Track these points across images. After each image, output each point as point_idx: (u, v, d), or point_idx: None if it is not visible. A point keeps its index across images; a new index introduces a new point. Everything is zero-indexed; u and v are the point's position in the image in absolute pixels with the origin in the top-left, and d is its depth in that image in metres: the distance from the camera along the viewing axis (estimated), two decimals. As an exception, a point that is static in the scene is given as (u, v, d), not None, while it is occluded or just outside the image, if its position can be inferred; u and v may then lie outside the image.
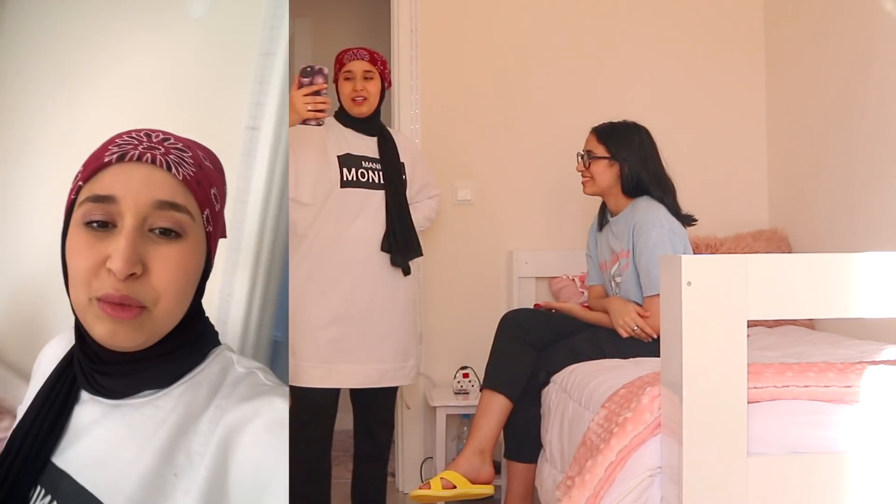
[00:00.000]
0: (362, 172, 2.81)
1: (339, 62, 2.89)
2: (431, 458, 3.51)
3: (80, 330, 1.27)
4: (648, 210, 2.69)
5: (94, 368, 1.28)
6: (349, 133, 2.87)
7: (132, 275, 1.18)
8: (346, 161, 2.81)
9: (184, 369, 1.28)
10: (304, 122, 2.55)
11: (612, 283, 2.80)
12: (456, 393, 3.42)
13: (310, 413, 2.72)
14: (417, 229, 2.97)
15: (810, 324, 3.32)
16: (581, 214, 3.55)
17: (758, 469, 1.52)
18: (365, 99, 2.83)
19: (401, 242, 2.82)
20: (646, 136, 2.81)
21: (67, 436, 1.29)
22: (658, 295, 2.53)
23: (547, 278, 3.59)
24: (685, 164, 3.02)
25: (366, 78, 2.84)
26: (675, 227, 2.67)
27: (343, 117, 2.89)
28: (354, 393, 2.89)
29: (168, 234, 1.22)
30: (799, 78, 3.50)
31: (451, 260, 3.62)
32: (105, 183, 1.21)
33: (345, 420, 3.16)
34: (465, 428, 3.34)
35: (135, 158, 1.21)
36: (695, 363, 1.50)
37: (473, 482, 2.59)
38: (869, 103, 3.01)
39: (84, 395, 1.32)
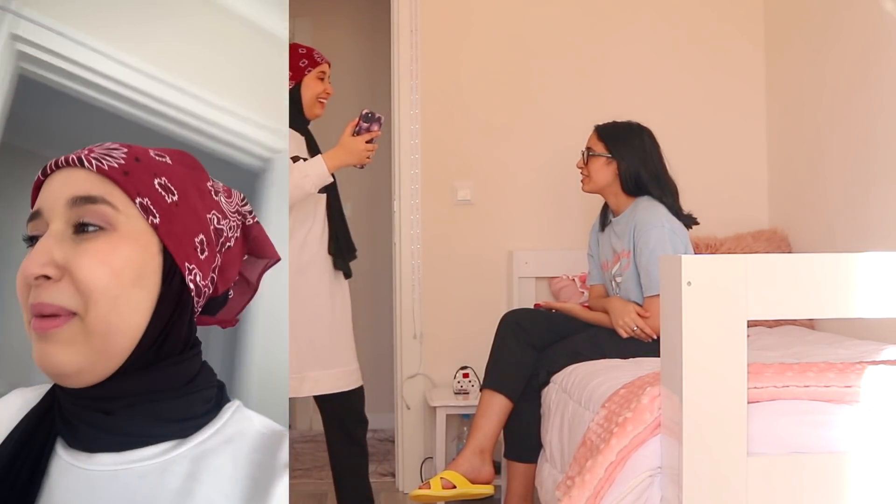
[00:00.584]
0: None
1: (311, 60, 2.81)
2: (431, 458, 3.51)
3: None
4: (649, 210, 2.69)
5: (75, 407, 1.12)
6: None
7: (48, 279, 1.09)
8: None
9: (181, 415, 1.15)
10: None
11: (613, 282, 2.80)
12: (456, 393, 3.42)
13: None
14: None
15: (810, 324, 3.32)
16: (581, 214, 3.55)
17: (758, 469, 1.52)
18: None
19: (343, 245, 2.81)
20: (648, 137, 2.81)
21: None
22: (658, 295, 2.53)
23: (547, 278, 3.59)
24: (685, 164, 3.02)
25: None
26: (675, 228, 2.67)
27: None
28: (326, 399, 2.82)
29: (86, 228, 1.11)
30: (799, 78, 3.50)
31: (451, 260, 3.62)
32: (36, 202, 1.17)
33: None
34: (465, 428, 3.34)
35: (54, 167, 1.16)
36: (695, 363, 1.50)
37: (473, 482, 2.59)
38: (869, 103, 3.01)
39: (58, 467, 1.13)
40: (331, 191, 2.78)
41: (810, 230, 3.41)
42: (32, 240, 1.14)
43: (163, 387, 1.15)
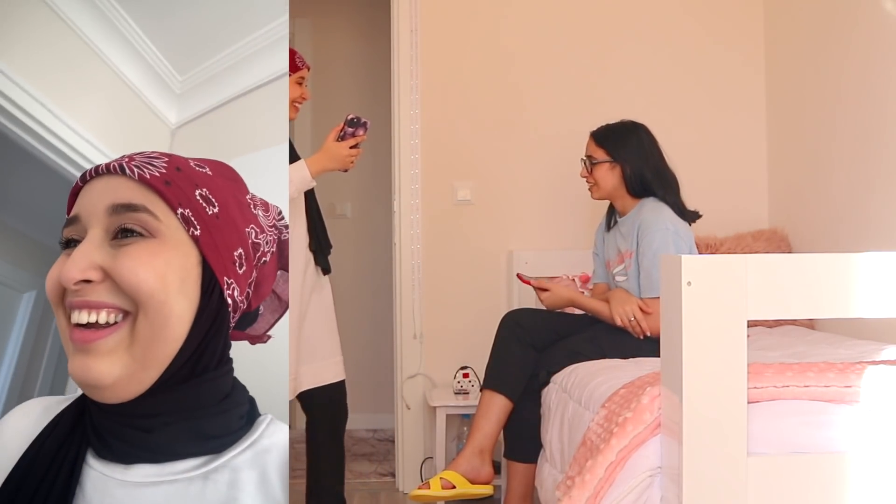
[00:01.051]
0: None
1: (291, 64, 2.78)
2: (431, 458, 3.51)
3: None
4: (655, 212, 2.68)
5: (110, 423, 1.11)
6: None
7: (87, 282, 1.08)
8: None
9: (219, 432, 1.14)
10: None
11: (613, 281, 2.80)
12: (456, 393, 3.42)
13: None
14: None
15: (810, 324, 3.32)
16: (581, 214, 3.55)
17: (758, 469, 1.52)
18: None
19: (322, 241, 2.82)
20: (644, 134, 2.80)
21: None
22: (658, 297, 2.53)
23: (547, 278, 3.58)
24: (685, 164, 3.01)
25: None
26: (680, 230, 2.66)
27: None
28: (310, 396, 2.81)
29: (129, 234, 1.11)
30: (799, 78, 3.50)
31: (451, 260, 3.62)
32: (73, 207, 1.17)
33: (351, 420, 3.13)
34: (465, 428, 3.34)
35: (94, 174, 1.16)
36: (695, 363, 1.50)
37: (473, 482, 2.59)
38: (869, 103, 3.01)
39: (91, 478, 1.12)
40: (308, 189, 2.79)
41: (810, 230, 3.41)
42: (69, 243, 1.13)
43: (200, 403, 1.15)
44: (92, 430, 1.15)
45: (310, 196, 2.81)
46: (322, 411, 2.87)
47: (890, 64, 2.88)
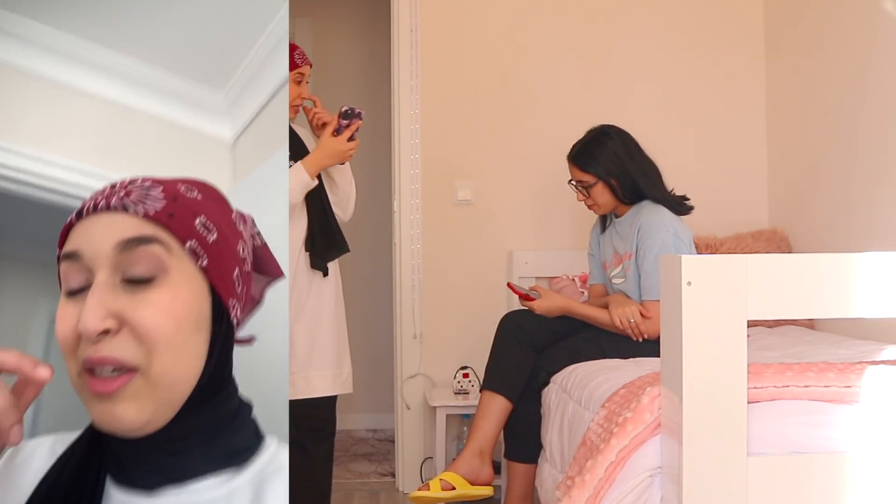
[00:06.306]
0: None
1: (293, 62, 2.67)
2: (431, 458, 3.51)
3: None
4: (654, 214, 2.67)
5: (135, 451, 1.12)
6: None
7: (106, 332, 1.05)
8: None
9: (240, 447, 1.15)
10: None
11: (610, 284, 2.80)
12: (456, 393, 3.42)
13: None
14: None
15: (810, 324, 3.32)
16: (580, 214, 3.54)
17: (758, 469, 1.52)
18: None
19: (320, 242, 2.66)
20: (616, 136, 2.77)
21: None
22: (658, 300, 2.52)
23: (547, 278, 3.59)
24: (685, 164, 3.02)
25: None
26: (680, 232, 2.66)
27: None
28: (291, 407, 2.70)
29: (143, 281, 1.08)
30: (799, 78, 3.50)
31: (451, 260, 3.62)
32: (70, 241, 1.11)
33: (344, 420, 3.15)
34: (465, 428, 3.34)
35: (92, 210, 1.11)
36: (695, 363, 1.50)
37: (473, 483, 2.58)
38: (869, 103, 3.01)
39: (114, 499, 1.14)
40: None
41: (810, 230, 3.41)
42: (75, 290, 1.09)
43: (220, 422, 1.15)
44: (112, 459, 1.14)
45: (312, 196, 2.67)
46: (295, 427, 2.73)
47: (889, 64, 2.88)
